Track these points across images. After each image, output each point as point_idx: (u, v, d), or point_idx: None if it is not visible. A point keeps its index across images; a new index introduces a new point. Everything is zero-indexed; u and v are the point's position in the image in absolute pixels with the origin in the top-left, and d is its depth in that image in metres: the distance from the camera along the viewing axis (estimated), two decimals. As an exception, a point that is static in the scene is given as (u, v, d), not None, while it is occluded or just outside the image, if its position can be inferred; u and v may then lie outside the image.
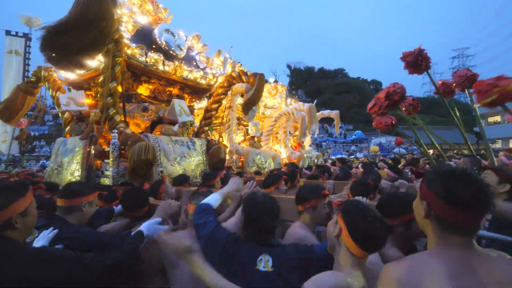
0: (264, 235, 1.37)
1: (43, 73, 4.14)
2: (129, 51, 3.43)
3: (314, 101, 12.10)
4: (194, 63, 4.81)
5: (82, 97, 3.75)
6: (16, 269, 0.98)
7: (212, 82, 4.79)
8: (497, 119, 26.92)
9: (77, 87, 4.26)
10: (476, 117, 2.90)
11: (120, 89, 3.39)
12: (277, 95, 9.25)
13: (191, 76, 4.35)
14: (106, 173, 3.30)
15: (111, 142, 3.23)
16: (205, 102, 6.26)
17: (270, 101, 9.03)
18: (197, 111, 6.44)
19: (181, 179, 3.25)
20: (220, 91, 4.81)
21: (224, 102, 7.13)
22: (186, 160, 3.88)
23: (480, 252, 0.82)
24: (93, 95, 4.08)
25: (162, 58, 3.84)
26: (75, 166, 3.35)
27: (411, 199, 1.42)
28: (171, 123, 4.15)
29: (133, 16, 3.70)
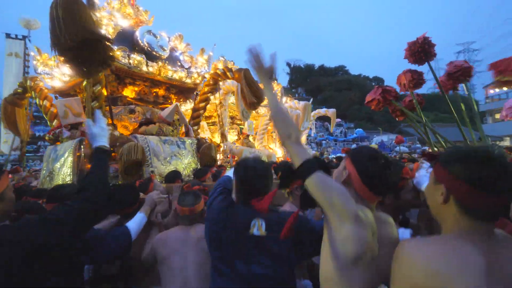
0: (254, 197, 1.33)
1: (29, 83, 4.16)
2: (111, 54, 3.45)
3: (310, 100, 12.20)
4: (179, 63, 4.85)
5: (78, 104, 3.72)
6: None
7: (198, 81, 4.84)
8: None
9: (64, 95, 4.28)
10: (473, 112, 2.82)
11: (105, 92, 3.43)
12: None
13: (176, 76, 4.40)
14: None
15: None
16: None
17: (264, 100, 9.07)
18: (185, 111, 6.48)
19: (172, 176, 3.29)
20: (206, 89, 4.86)
21: (216, 101, 7.21)
22: (176, 159, 3.93)
23: (503, 237, 0.78)
24: (81, 101, 4.10)
25: (145, 59, 3.88)
26: (66, 171, 3.38)
27: (400, 167, 1.50)
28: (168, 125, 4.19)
29: (113, 18, 3.73)
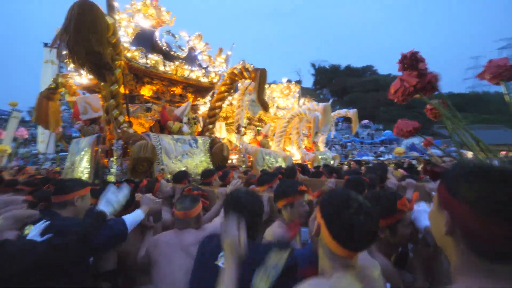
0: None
1: (60, 80, 4.52)
2: (129, 54, 3.60)
3: (330, 101, 11.73)
4: (198, 62, 4.92)
5: (97, 101, 4.02)
6: None
7: (215, 80, 4.87)
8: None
9: (90, 91, 4.57)
10: None
11: (122, 90, 3.58)
12: (289, 96, 9.11)
13: (192, 75, 4.46)
14: (111, 170, 3.52)
15: (114, 141, 3.44)
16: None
17: (282, 101, 8.92)
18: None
19: (180, 176, 3.35)
20: (223, 88, 4.87)
21: (235, 102, 7.23)
22: (188, 157, 4.00)
23: None
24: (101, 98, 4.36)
25: (162, 59, 3.98)
26: (85, 164, 3.61)
27: (395, 198, 1.30)
28: (180, 122, 4.30)
29: (131, 20, 3.86)
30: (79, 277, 1.41)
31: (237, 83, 6.89)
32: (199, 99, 5.15)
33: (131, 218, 1.75)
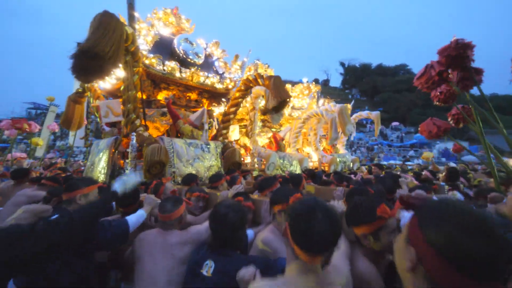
0: (219, 245, 1.40)
1: (86, 85, 4.84)
2: (147, 61, 3.78)
3: (352, 102, 11.42)
4: (214, 68, 5.05)
5: (118, 105, 4.24)
6: None
7: (230, 86, 4.95)
8: None
9: (113, 96, 4.85)
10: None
11: (139, 95, 3.76)
12: (305, 97, 8.99)
13: (208, 81, 4.57)
14: (126, 171, 3.69)
15: (130, 143, 3.61)
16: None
17: (298, 102, 8.80)
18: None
19: (189, 178, 3.42)
20: (238, 94, 4.93)
21: (248, 105, 7.29)
22: (199, 161, 4.09)
23: None
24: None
25: (179, 66, 4.13)
26: (103, 165, 3.82)
27: (374, 206, 1.30)
28: (196, 128, 4.42)
29: (150, 29, 4.06)
30: (83, 267, 1.54)
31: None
32: (214, 104, 5.25)
33: (134, 219, 1.85)
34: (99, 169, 3.83)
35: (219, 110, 6.58)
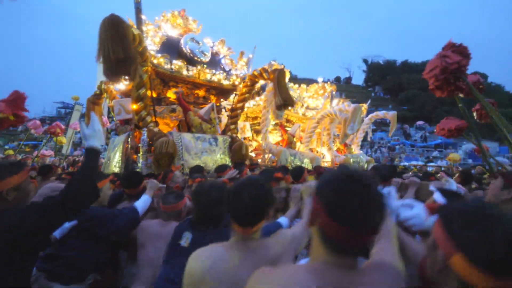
0: (200, 218, 1.47)
1: (103, 86, 5.19)
2: (155, 61, 4.01)
3: (368, 102, 11.16)
4: (222, 66, 5.21)
5: (129, 103, 4.54)
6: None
7: (237, 83, 5.09)
8: None
9: (127, 96, 5.15)
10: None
11: (149, 93, 3.99)
12: (319, 97, 8.95)
13: (214, 78, 4.74)
14: (138, 165, 3.93)
15: (141, 139, 3.84)
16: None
17: (312, 102, 8.79)
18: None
19: (196, 170, 3.59)
20: (244, 90, 5.06)
21: (261, 102, 7.38)
22: (207, 155, 4.25)
23: (362, 272, 0.72)
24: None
25: (186, 64, 4.32)
26: (117, 159, 4.09)
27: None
28: (205, 122, 4.61)
29: (157, 30, 4.28)
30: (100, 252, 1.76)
31: (264, 84, 7.06)
32: (222, 100, 5.42)
33: (142, 204, 2.02)
34: (114, 163, 4.11)
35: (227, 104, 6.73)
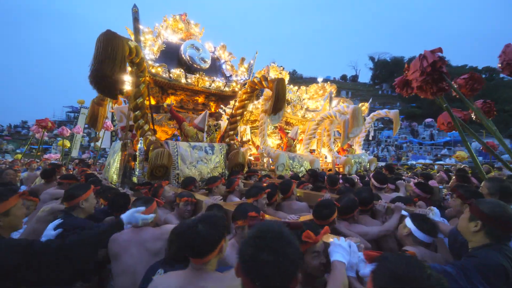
0: (170, 257, 1.55)
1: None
2: (153, 70, 4.03)
3: (370, 100, 10.87)
4: (223, 72, 5.19)
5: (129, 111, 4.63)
6: None
7: (237, 89, 5.06)
8: None
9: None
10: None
11: (147, 102, 4.05)
12: (319, 98, 8.78)
13: (213, 85, 4.73)
14: (135, 173, 4.04)
15: (138, 147, 3.94)
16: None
17: (312, 103, 8.65)
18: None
19: (187, 181, 3.65)
20: (244, 96, 5.03)
21: (260, 106, 7.34)
22: (202, 164, 4.31)
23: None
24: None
25: (184, 72, 4.33)
26: (116, 165, 4.22)
27: (300, 232, 1.37)
28: (201, 131, 4.65)
29: (156, 39, 4.28)
30: None
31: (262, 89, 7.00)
32: (222, 106, 5.42)
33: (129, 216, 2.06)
34: (113, 169, 4.25)
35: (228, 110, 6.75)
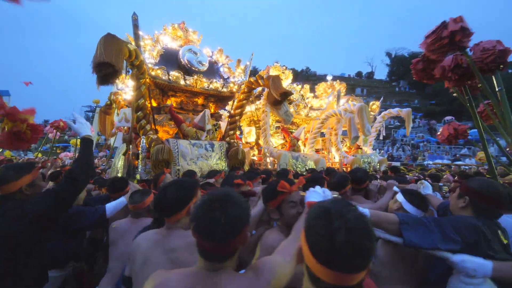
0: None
1: (112, 97, 5.60)
2: (153, 73, 4.28)
3: (381, 99, 10.84)
4: (221, 74, 5.42)
5: (130, 113, 4.86)
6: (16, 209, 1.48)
7: (235, 90, 5.26)
8: None
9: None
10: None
11: (148, 104, 4.27)
12: (323, 95, 8.86)
13: (212, 86, 4.94)
14: (138, 170, 4.21)
15: (140, 146, 4.12)
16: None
17: (316, 102, 8.74)
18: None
19: (188, 174, 3.77)
20: (242, 96, 5.22)
21: (261, 107, 7.50)
22: (203, 160, 4.45)
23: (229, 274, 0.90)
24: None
25: (182, 74, 4.57)
26: (120, 164, 4.41)
27: (276, 183, 1.46)
28: (201, 129, 4.83)
29: (154, 44, 4.56)
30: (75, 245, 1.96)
31: (263, 90, 7.20)
32: (221, 107, 5.61)
33: (114, 205, 2.16)
34: (118, 168, 4.44)
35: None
